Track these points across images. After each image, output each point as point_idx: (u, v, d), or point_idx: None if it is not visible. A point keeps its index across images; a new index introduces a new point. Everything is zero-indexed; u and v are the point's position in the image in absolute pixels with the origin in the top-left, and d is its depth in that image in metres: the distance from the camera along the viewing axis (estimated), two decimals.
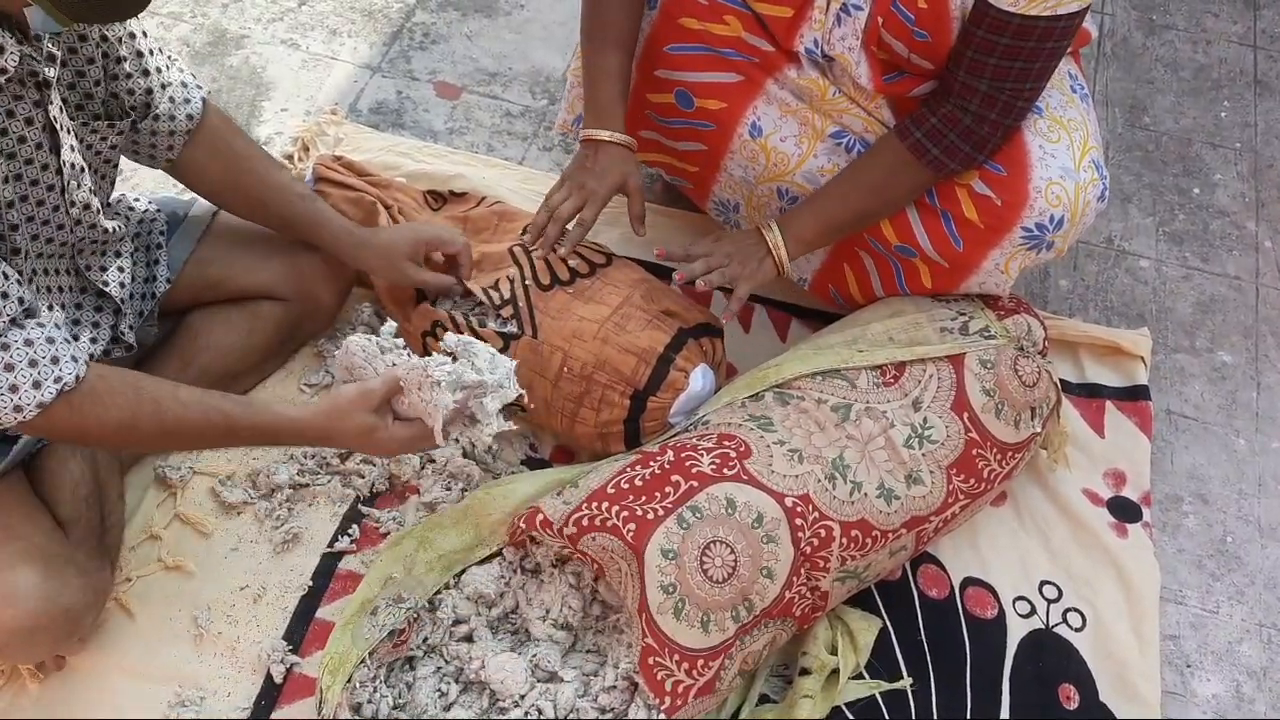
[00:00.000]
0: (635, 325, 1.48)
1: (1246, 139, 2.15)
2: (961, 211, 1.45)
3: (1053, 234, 1.43)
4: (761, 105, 1.53)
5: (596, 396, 1.46)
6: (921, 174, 1.43)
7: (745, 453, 1.35)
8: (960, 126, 1.38)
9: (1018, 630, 1.49)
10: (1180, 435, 1.73)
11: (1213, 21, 2.37)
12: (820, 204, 1.50)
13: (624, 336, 1.46)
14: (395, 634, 1.32)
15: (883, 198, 1.48)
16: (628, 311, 1.49)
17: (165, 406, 1.20)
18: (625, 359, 1.45)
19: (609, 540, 1.28)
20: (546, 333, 1.48)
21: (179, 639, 1.39)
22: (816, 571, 1.33)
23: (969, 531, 1.56)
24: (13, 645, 1.25)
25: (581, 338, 1.47)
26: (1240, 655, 1.52)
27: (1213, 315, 1.88)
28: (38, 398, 1.11)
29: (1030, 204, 1.41)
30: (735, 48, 1.50)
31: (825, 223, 1.49)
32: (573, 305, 1.50)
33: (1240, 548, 1.62)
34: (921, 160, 1.41)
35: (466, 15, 2.20)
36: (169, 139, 1.41)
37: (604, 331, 1.47)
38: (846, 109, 1.50)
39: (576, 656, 1.36)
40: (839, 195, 1.49)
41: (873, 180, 1.47)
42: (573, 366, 1.46)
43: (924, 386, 1.45)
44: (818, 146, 1.53)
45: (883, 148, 1.46)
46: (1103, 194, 1.44)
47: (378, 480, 1.53)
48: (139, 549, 1.45)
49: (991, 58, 1.33)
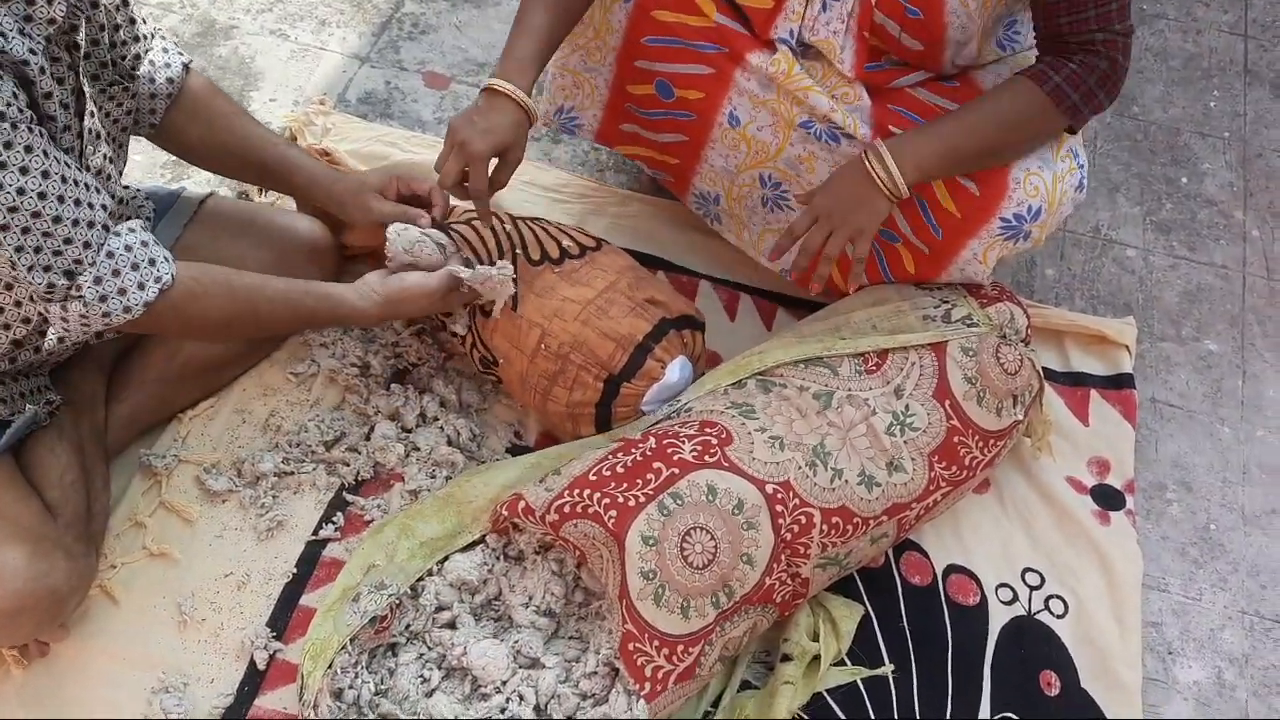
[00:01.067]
0: (618, 311, 1.48)
1: (1236, 128, 2.15)
2: (937, 199, 1.46)
3: (1030, 224, 1.43)
4: (735, 96, 1.53)
5: (570, 376, 1.46)
6: (1055, 120, 1.39)
7: (727, 440, 1.36)
8: (1099, 72, 1.37)
9: (1000, 617, 1.49)
10: (1165, 424, 1.73)
11: (1203, 10, 2.37)
12: (944, 131, 1.40)
13: (605, 321, 1.46)
14: (377, 620, 1.32)
15: (1013, 136, 1.40)
16: (611, 297, 1.49)
17: (257, 301, 1.33)
18: (604, 343, 1.45)
19: (590, 527, 1.29)
20: (527, 308, 1.48)
21: (163, 625, 1.39)
22: (797, 558, 1.33)
23: (952, 518, 1.56)
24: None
25: (562, 317, 1.47)
26: (1222, 642, 1.52)
27: (1199, 304, 1.88)
28: (143, 298, 1.22)
29: (1009, 195, 1.42)
30: (708, 39, 1.50)
31: (950, 151, 1.39)
32: (558, 285, 1.50)
33: (1224, 535, 1.62)
34: (1060, 106, 1.37)
35: (456, 5, 2.20)
36: (150, 102, 1.43)
37: (585, 314, 1.47)
38: (810, 88, 1.48)
39: (559, 643, 1.37)
40: (967, 126, 1.39)
41: (1005, 117, 1.39)
42: (549, 344, 1.46)
43: (906, 374, 1.45)
44: (792, 135, 1.53)
45: (1017, 89, 1.39)
46: (1080, 184, 1.45)
47: (362, 468, 1.53)
48: (124, 536, 1.45)
49: (1089, 9, 1.33)
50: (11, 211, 1.11)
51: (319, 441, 1.55)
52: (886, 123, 1.47)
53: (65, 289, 1.18)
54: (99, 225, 1.18)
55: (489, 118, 1.37)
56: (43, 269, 1.15)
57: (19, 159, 1.10)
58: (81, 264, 1.17)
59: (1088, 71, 1.38)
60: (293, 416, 1.58)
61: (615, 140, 1.72)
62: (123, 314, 1.21)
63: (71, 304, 1.19)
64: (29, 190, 1.11)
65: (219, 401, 1.58)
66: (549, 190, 1.88)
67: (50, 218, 1.14)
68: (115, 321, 1.22)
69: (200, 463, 1.52)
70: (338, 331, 1.63)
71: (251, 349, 1.60)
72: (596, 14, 1.55)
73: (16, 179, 1.10)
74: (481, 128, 1.36)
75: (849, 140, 1.48)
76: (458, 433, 1.56)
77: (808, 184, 1.56)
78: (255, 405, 1.59)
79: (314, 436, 1.55)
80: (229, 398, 1.59)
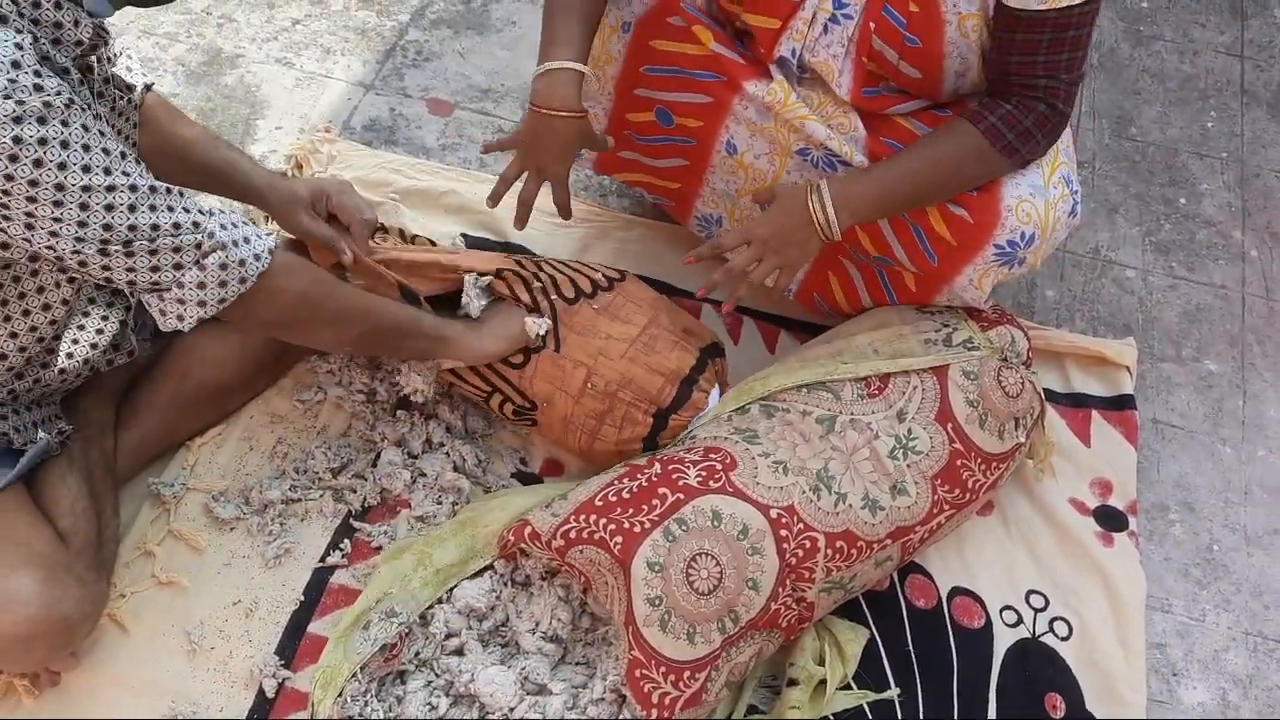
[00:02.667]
0: (663, 346, 1.49)
1: (1233, 149, 2.16)
2: (932, 226, 1.47)
3: (1024, 250, 1.44)
4: (732, 124, 1.55)
5: (620, 414, 1.48)
6: (992, 160, 1.41)
7: (731, 465, 1.37)
8: (1036, 114, 1.39)
9: (1005, 639, 1.50)
10: (1167, 444, 1.74)
11: (1200, 32, 2.38)
12: (881, 176, 1.43)
13: (653, 357, 1.48)
14: (387, 648, 1.33)
15: (949, 178, 1.42)
16: (655, 333, 1.50)
17: (338, 288, 1.36)
18: (652, 379, 1.47)
19: (596, 553, 1.29)
20: (570, 348, 1.49)
21: (172, 654, 1.40)
22: (802, 583, 1.34)
23: (956, 541, 1.57)
24: (10, 651, 1.26)
25: (608, 355, 1.48)
26: (1226, 663, 1.53)
27: (1199, 324, 1.89)
28: (257, 268, 1.23)
29: (1002, 222, 1.43)
30: (706, 68, 1.52)
31: (885, 195, 1.42)
32: (599, 322, 1.50)
33: (1226, 556, 1.63)
34: (996, 145, 1.39)
35: (459, 33, 2.22)
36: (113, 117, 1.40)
37: (632, 351, 1.48)
38: (807, 116, 1.49)
39: (566, 669, 1.38)
40: (905, 171, 1.42)
41: (941, 160, 1.41)
42: (596, 383, 1.47)
43: (908, 398, 1.46)
44: (789, 163, 1.54)
45: (953, 129, 1.42)
46: (1074, 209, 1.46)
47: (369, 495, 1.54)
48: (133, 565, 1.46)
49: (1039, 55, 1.35)
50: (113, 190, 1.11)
51: (326, 468, 1.56)
52: (880, 154, 1.48)
53: (194, 255, 1.18)
54: (196, 209, 1.19)
55: (555, 140, 1.41)
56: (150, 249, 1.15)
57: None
58: (199, 224, 1.18)
59: (1024, 113, 1.39)
60: (300, 444, 1.59)
61: (615, 168, 1.73)
62: (238, 286, 1.22)
63: (188, 273, 1.18)
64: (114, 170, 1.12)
65: (227, 429, 1.59)
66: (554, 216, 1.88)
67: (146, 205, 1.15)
68: (230, 296, 1.22)
69: (208, 490, 1.53)
70: (344, 359, 1.64)
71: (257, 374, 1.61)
72: (596, 44, 1.56)
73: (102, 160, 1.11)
74: (556, 152, 1.42)
75: (845, 167, 1.50)
76: (463, 459, 1.57)
77: None
78: (263, 432, 1.60)
79: (321, 463, 1.56)
80: (237, 425, 1.60)
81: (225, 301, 1.22)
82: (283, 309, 1.31)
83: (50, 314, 1.30)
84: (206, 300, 1.22)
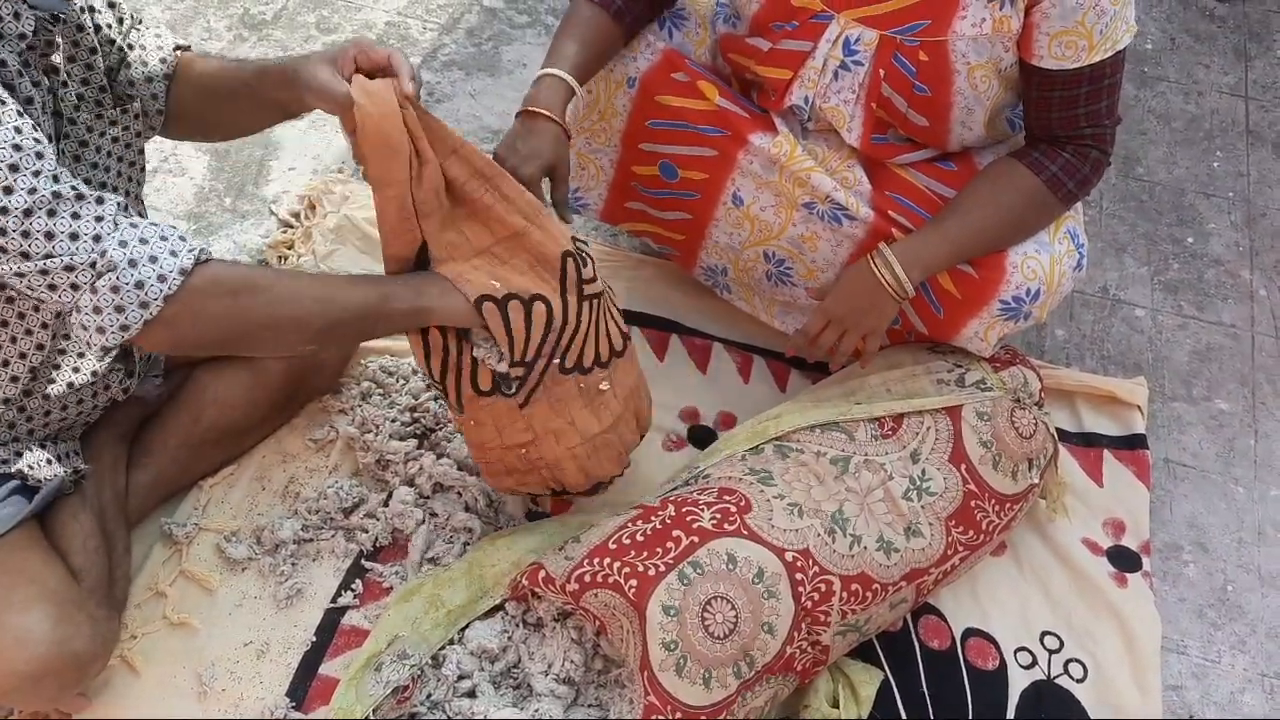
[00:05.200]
0: (605, 456, 1.44)
1: (1240, 189, 2.18)
2: (939, 281, 1.49)
3: (1029, 305, 1.46)
4: (738, 177, 1.56)
5: (529, 479, 1.45)
6: (1052, 208, 1.46)
7: (745, 507, 1.37)
8: (1091, 160, 1.44)
9: (1019, 681, 1.49)
10: (1179, 484, 1.74)
11: (1204, 73, 2.41)
12: (950, 232, 1.45)
13: (591, 461, 1.43)
14: (399, 690, 1.33)
15: (1013, 228, 1.46)
16: (609, 439, 1.43)
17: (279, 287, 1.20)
18: (578, 477, 1.44)
19: (611, 597, 1.29)
20: (534, 413, 1.37)
21: (183, 695, 1.39)
22: (817, 626, 1.34)
23: (969, 582, 1.56)
24: (21, 689, 1.25)
25: (558, 439, 1.40)
26: (1243, 705, 1.52)
27: (1209, 364, 1.90)
28: (161, 290, 1.10)
29: (1007, 279, 1.45)
30: (711, 122, 1.54)
31: (956, 250, 1.45)
32: (573, 403, 1.39)
33: (1241, 596, 1.62)
34: (1057, 194, 1.44)
35: (470, 74, 2.24)
36: (149, 87, 1.36)
37: (580, 449, 1.41)
38: (813, 169, 1.51)
39: (579, 710, 1.37)
40: (971, 223, 1.44)
41: (1007, 210, 1.44)
42: (530, 454, 1.41)
43: (922, 438, 1.46)
44: (794, 215, 1.56)
45: (1015, 180, 1.44)
46: (1079, 263, 1.48)
47: (381, 535, 1.54)
48: (144, 606, 1.46)
49: (1080, 108, 1.40)
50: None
51: (338, 508, 1.56)
52: (885, 208, 1.50)
53: (89, 276, 1.08)
54: (109, 205, 1.09)
55: (530, 141, 1.38)
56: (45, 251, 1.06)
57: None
58: (100, 238, 1.08)
59: (1081, 161, 1.44)
60: (311, 483, 1.59)
61: (621, 218, 1.75)
62: (158, 284, 1.10)
63: (83, 295, 1.09)
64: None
65: (239, 468, 1.59)
66: None
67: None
68: (153, 299, 1.10)
69: (220, 530, 1.53)
70: (356, 398, 1.65)
71: (270, 414, 1.61)
72: (601, 98, 1.58)
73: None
74: (525, 153, 1.38)
75: (851, 221, 1.51)
76: (475, 499, 1.57)
77: (811, 261, 1.59)
78: (275, 472, 1.60)
79: (333, 503, 1.56)
80: (249, 464, 1.60)
81: (129, 329, 1.11)
82: (213, 330, 1.17)
83: (34, 338, 1.27)
84: (105, 327, 1.11)
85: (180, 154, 2.03)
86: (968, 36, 1.36)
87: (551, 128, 1.39)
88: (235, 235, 1.91)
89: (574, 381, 1.37)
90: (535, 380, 1.34)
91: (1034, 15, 1.34)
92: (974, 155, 1.55)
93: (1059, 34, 1.34)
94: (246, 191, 1.98)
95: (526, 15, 2.39)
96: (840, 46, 1.43)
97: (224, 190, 1.99)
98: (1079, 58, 1.35)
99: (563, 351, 1.34)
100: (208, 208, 1.95)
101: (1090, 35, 1.33)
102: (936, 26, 1.37)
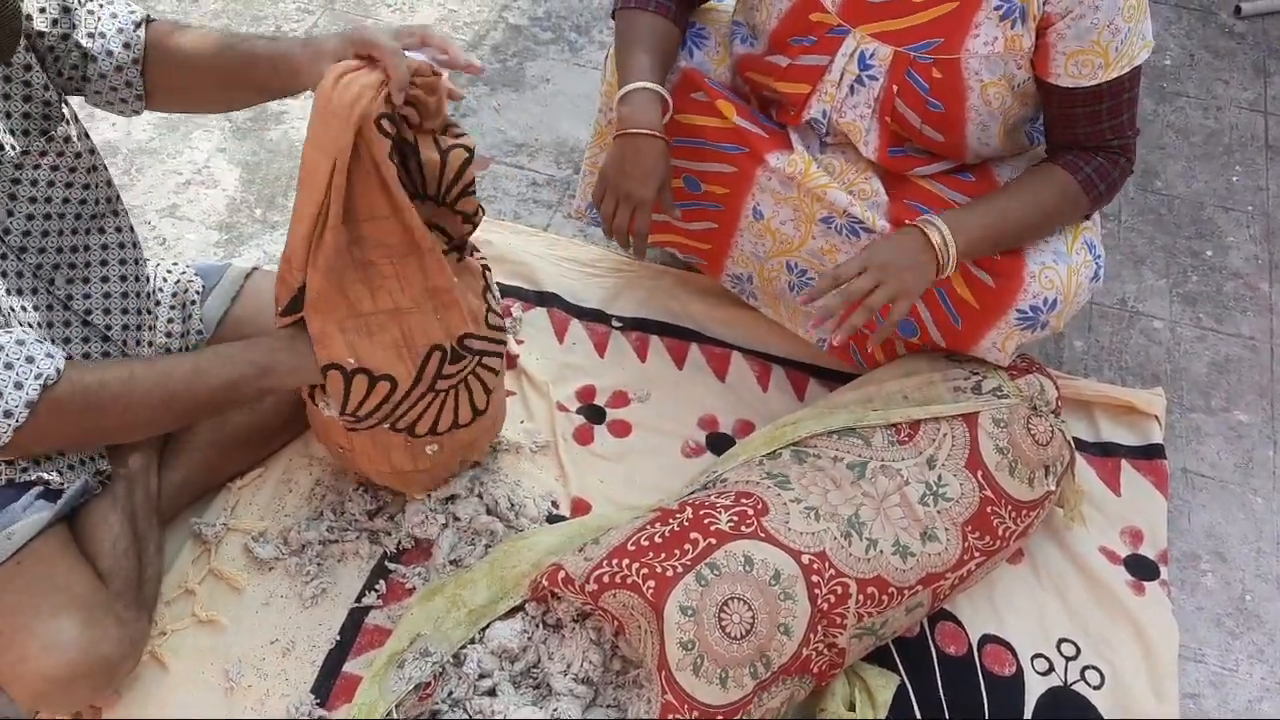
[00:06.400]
0: (415, 482, 1.54)
1: (1259, 203, 2.18)
2: (955, 290, 1.50)
3: (1046, 315, 1.48)
4: (757, 193, 1.59)
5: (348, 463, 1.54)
6: (1083, 208, 1.49)
7: (763, 510, 1.39)
8: (1120, 166, 1.48)
9: (1036, 687, 1.50)
10: (1197, 494, 1.74)
11: (1223, 88, 2.42)
12: (991, 210, 1.45)
13: (397, 483, 1.55)
14: (421, 687, 1.35)
15: (1046, 221, 1.47)
16: (421, 476, 1.53)
17: (132, 383, 1.26)
18: (382, 483, 1.56)
19: (629, 598, 1.31)
20: (353, 434, 1.44)
21: (210, 691, 1.42)
22: (833, 628, 1.35)
23: (986, 588, 1.57)
24: (52, 693, 1.29)
25: (370, 461, 1.48)
26: (1261, 714, 1.52)
27: (1228, 375, 1.90)
28: (24, 397, 1.16)
29: (1024, 289, 1.47)
30: (729, 140, 1.57)
31: (994, 229, 1.44)
32: (394, 449, 1.46)
33: (1259, 605, 1.62)
34: (1089, 195, 1.47)
35: (495, 90, 2.29)
36: (119, 76, 1.35)
37: (389, 476, 1.52)
38: (829, 185, 1.53)
39: (597, 710, 1.39)
40: (1010, 209, 1.45)
41: (1043, 203, 1.46)
42: (344, 455, 1.51)
43: (938, 444, 1.48)
44: (814, 229, 1.58)
45: (1053, 178, 1.47)
46: (1096, 274, 1.50)
47: (403, 538, 1.57)
48: (174, 603, 1.49)
49: (1103, 122, 1.43)
50: None
51: (361, 510, 1.59)
52: (903, 218, 1.52)
53: None
54: None
55: (640, 163, 1.44)
56: None
57: None
58: None
59: (1111, 165, 1.47)
60: (336, 486, 1.62)
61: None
62: (2, 419, 1.16)
63: None
64: None
65: (266, 471, 1.63)
66: (585, 265, 1.94)
67: None
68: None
69: (248, 531, 1.56)
70: None
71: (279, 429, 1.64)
72: None
73: None
74: (639, 175, 1.43)
75: (868, 234, 1.53)
76: (496, 501, 1.60)
77: None
78: (300, 475, 1.63)
79: (357, 506, 1.59)
80: (276, 467, 1.63)
81: None
82: (72, 440, 1.30)
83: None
84: None
85: (212, 166, 2.08)
86: (980, 55, 1.39)
87: (658, 144, 1.45)
88: (265, 245, 1.95)
89: (401, 437, 1.44)
90: (363, 428, 1.41)
91: (1049, 35, 1.36)
92: (993, 167, 1.57)
93: (1075, 53, 1.36)
94: (277, 203, 2.03)
95: (551, 32, 2.43)
96: (856, 61, 1.46)
97: (255, 201, 2.03)
98: (1095, 75, 1.37)
99: (396, 419, 1.40)
100: (239, 218, 1.99)
101: (1106, 53, 1.35)
102: (949, 44, 1.40)
